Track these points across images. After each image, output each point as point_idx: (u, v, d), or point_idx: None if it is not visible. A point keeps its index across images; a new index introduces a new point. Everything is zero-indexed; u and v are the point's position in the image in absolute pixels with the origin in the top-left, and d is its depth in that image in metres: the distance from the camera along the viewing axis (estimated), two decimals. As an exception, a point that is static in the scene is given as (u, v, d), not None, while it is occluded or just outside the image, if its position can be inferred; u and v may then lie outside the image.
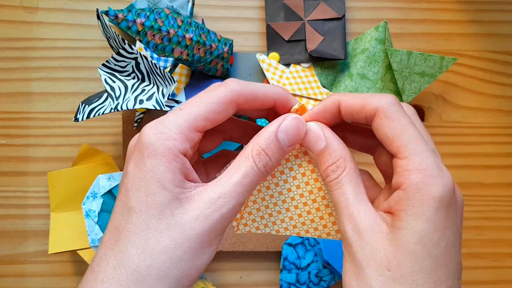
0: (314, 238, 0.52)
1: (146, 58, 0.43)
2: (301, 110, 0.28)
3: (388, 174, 0.29)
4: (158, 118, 0.25)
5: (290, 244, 0.52)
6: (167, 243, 0.23)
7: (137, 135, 0.26)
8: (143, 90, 0.44)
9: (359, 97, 0.26)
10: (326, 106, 0.27)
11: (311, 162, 0.28)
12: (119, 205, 0.25)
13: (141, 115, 0.53)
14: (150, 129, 0.25)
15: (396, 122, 0.24)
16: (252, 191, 0.27)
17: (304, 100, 0.53)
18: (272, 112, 0.29)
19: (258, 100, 0.27)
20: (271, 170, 0.26)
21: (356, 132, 0.30)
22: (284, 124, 0.26)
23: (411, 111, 0.27)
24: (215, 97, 0.25)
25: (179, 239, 0.23)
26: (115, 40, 0.42)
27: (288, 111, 0.28)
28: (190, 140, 0.25)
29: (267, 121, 0.30)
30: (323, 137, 0.26)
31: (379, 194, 0.30)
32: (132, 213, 0.24)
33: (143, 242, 0.23)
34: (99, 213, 0.48)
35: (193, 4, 0.52)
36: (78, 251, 0.50)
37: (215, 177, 0.26)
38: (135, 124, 0.53)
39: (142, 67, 0.44)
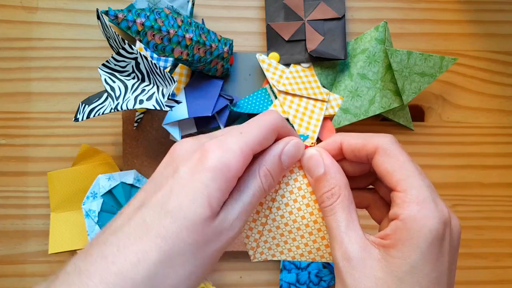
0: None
1: (146, 58, 0.43)
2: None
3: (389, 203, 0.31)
4: (219, 136, 0.27)
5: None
6: (188, 258, 0.24)
7: (188, 142, 0.27)
8: (143, 90, 0.44)
9: (360, 136, 0.29)
10: (328, 145, 0.30)
11: (308, 186, 0.30)
12: (155, 202, 0.25)
13: (141, 115, 0.53)
14: (216, 145, 0.25)
15: (395, 159, 0.27)
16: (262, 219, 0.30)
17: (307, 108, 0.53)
18: None
19: (285, 135, 0.29)
20: (272, 189, 0.28)
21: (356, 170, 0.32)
22: (288, 147, 0.28)
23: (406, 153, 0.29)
24: (270, 124, 0.27)
25: (199, 255, 0.24)
26: (115, 40, 0.42)
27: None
28: (247, 163, 0.26)
29: None
30: (322, 163, 0.28)
31: (386, 216, 0.31)
32: (168, 216, 0.24)
33: (168, 250, 0.23)
34: (99, 213, 0.48)
35: (193, 4, 0.52)
36: (78, 251, 0.50)
37: None
38: (135, 124, 0.53)
39: (142, 67, 0.44)
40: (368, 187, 0.33)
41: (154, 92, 0.44)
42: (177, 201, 0.24)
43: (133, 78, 0.45)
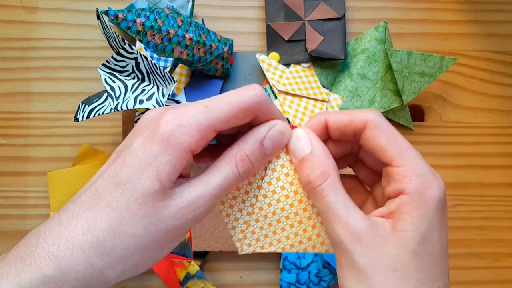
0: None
1: (146, 58, 0.43)
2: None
3: (369, 184, 0.31)
4: (181, 107, 0.25)
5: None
6: (139, 230, 0.24)
7: (155, 111, 0.26)
8: (143, 90, 0.44)
9: (346, 112, 0.27)
10: (313, 125, 0.28)
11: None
12: (109, 173, 0.25)
13: (141, 115, 0.53)
14: (171, 117, 0.24)
15: (388, 133, 0.26)
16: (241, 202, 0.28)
17: (302, 103, 0.53)
18: None
19: (267, 117, 0.27)
20: (250, 175, 0.27)
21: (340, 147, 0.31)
22: (272, 132, 0.26)
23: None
24: (242, 101, 0.25)
25: (150, 230, 0.24)
26: (115, 40, 0.42)
27: None
28: (205, 140, 0.25)
29: None
30: (309, 143, 0.27)
31: (367, 199, 0.31)
32: (118, 187, 0.24)
33: (117, 221, 0.23)
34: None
35: (193, 4, 0.52)
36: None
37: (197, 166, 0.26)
38: (135, 124, 0.53)
39: (142, 67, 0.44)
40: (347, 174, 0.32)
41: (154, 92, 0.44)
42: (127, 173, 0.24)
43: (133, 78, 0.45)
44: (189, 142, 0.24)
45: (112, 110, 0.43)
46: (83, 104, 0.46)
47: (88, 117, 0.44)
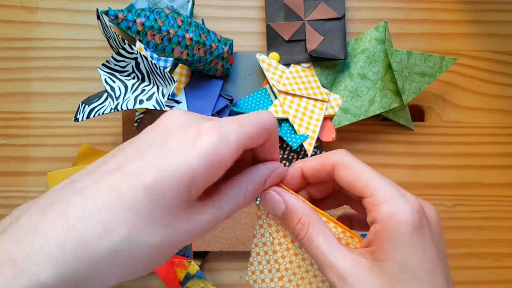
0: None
1: (146, 58, 0.43)
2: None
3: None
4: (216, 120, 0.25)
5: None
6: (156, 240, 0.22)
7: (185, 114, 0.25)
8: (143, 90, 0.44)
9: (316, 158, 0.29)
10: (292, 175, 0.30)
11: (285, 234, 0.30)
12: (132, 171, 0.22)
13: (141, 115, 0.53)
14: (214, 129, 0.23)
15: (353, 169, 0.27)
16: None
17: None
18: None
19: (275, 143, 0.29)
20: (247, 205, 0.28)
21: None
22: (274, 174, 0.29)
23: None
24: (266, 123, 0.26)
25: (165, 241, 0.23)
26: (115, 40, 0.42)
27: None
28: (237, 157, 0.24)
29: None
30: (282, 201, 0.28)
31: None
32: (145, 190, 0.22)
33: (138, 228, 0.22)
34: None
35: (193, 4, 0.52)
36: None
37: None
38: (135, 124, 0.53)
39: (142, 67, 0.44)
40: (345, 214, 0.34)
41: (154, 92, 0.44)
42: (157, 176, 0.21)
43: (133, 78, 0.45)
44: (228, 158, 0.23)
45: (112, 110, 0.43)
46: (83, 104, 0.46)
47: (88, 117, 0.44)
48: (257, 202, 0.43)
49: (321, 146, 0.54)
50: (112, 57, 0.44)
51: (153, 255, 0.22)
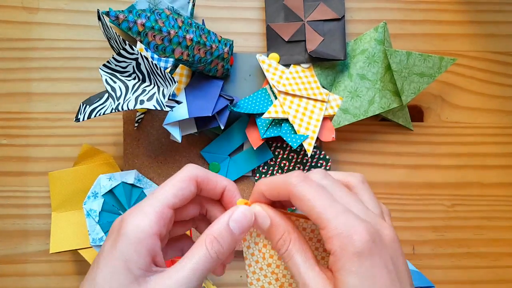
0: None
1: (146, 58, 0.43)
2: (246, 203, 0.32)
3: None
4: (137, 204, 0.29)
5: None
6: None
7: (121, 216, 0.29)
8: (143, 91, 0.45)
9: (273, 182, 0.30)
10: (256, 197, 0.31)
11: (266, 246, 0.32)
12: (88, 278, 0.27)
13: (142, 115, 0.53)
14: (130, 211, 0.28)
15: (305, 200, 0.27)
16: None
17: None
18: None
19: (210, 183, 0.32)
20: (223, 256, 0.29)
21: None
22: (235, 214, 0.30)
23: (318, 175, 0.29)
24: (179, 178, 0.30)
25: None
26: (116, 41, 0.42)
27: (234, 204, 0.32)
28: (164, 218, 0.28)
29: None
30: (267, 216, 0.30)
31: None
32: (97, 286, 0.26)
33: None
34: (100, 212, 0.48)
35: (193, 5, 0.52)
36: (79, 251, 0.50)
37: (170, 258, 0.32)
38: (136, 124, 0.53)
39: (142, 67, 0.44)
40: None
41: (154, 93, 0.44)
42: (101, 275, 0.26)
43: (134, 78, 0.45)
44: (150, 225, 0.27)
45: (113, 111, 0.43)
46: (84, 105, 0.46)
47: (89, 117, 0.44)
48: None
49: (320, 146, 0.54)
50: (113, 57, 0.44)
51: None
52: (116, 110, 0.43)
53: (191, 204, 0.32)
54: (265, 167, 0.53)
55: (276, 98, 0.53)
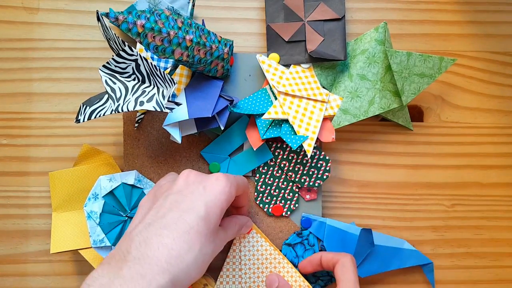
0: (314, 237, 0.53)
1: (146, 59, 0.43)
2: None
3: None
4: (223, 173, 0.44)
5: (289, 244, 0.52)
6: (206, 256, 0.37)
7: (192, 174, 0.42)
8: (143, 92, 0.45)
9: (331, 254, 0.48)
10: (312, 259, 0.49)
11: None
12: (176, 215, 0.38)
13: (142, 116, 0.53)
14: (224, 176, 0.41)
15: (345, 270, 0.44)
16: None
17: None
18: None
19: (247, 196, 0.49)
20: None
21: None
22: (244, 228, 0.49)
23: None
24: (243, 183, 0.45)
25: (206, 254, 0.37)
26: (115, 42, 0.42)
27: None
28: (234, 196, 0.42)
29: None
30: (277, 280, 0.45)
31: None
32: (200, 221, 0.37)
33: (200, 246, 0.37)
34: (100, 214, 0.48)
35: (193, 5, 0.52)
36: (80, 251, 0.51)
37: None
38: (136, 125, 0.53)
39: (142, 68, 0.44)
40: None
41: (154, 94, 0.44)
42: (206, 210, 0.37)
43: (134, 79, 0.45)
44: (233, 194, 0.41)
45: (113, 112, 0.43)
46: (84, 106, 0.46)
47: (89, 118, 0.44)
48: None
49: (320, 146, 0.54)
50: (113, 58, 0.44)
51: (206, 262, 0.37)
52: (116, 112, 0.43)
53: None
54: (265, 167, 0.53)
55: (276, 98, 0.53)
